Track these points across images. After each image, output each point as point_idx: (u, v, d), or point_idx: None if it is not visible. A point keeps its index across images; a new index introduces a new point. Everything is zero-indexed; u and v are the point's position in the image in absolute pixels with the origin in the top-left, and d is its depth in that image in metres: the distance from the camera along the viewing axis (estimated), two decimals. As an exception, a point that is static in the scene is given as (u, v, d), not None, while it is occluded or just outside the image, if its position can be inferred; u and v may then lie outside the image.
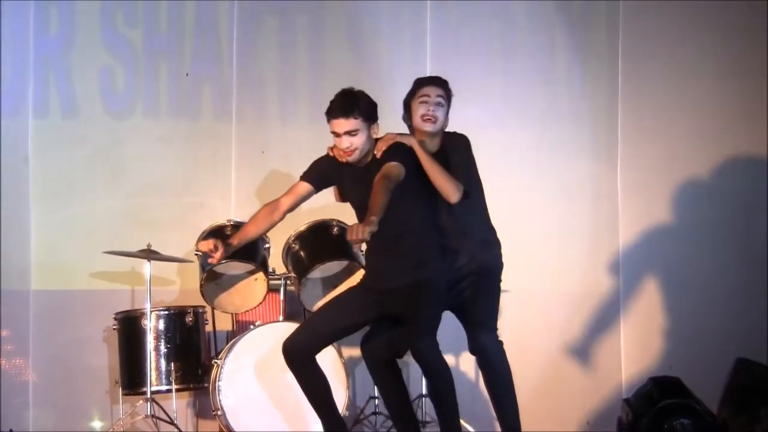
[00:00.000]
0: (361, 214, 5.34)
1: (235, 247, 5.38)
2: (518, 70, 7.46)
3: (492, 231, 5.67)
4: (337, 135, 5.31)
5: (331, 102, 5.32)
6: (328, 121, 5.31)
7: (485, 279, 5.57)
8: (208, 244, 5.33)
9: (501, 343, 5.58)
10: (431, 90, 5.59)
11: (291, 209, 5.46)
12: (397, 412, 5.60)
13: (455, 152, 5.54)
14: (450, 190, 5.41)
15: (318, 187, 5.47)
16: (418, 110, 5.57)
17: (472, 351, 5.56)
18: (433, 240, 5.43)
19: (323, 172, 5.46)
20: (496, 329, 5.58)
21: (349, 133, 5.27)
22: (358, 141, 5.29)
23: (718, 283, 7.43)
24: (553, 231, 7.41)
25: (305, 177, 5.47)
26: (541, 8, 7.46)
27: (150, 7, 7.17)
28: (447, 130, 5.66)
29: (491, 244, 5.64)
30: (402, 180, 5.23)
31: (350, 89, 5.35)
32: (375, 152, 5.35)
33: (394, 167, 5.23)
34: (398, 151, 5.33)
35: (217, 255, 5.30)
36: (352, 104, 5.28)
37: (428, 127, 5.55)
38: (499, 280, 5.63)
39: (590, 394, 7.33)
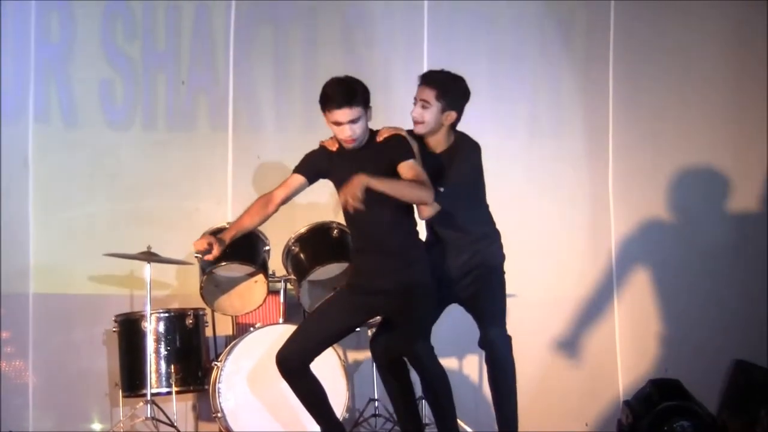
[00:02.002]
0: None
1: (229, 241, 5.33)
2: (508, 74, 7.47)
3: (491, 223, 5.66)
4: (338, 124, 5.25)
5: (327, 91, 5.23)
6: (328, 110, 5.23)
7: (488, 273, 5.55)
8: (201, 243, 5.31)
9: (509, 338, 5.56)
10: (418, 91, 5.51)
11: (284, 202, 5.41)
12: (401, 412, 5.60)
13: (464, 161, 5.49)
14: (422, 195, 5.24)
15: (311, 179, 5.43)
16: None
17: (481, 345, 5.55)
18: (418, 237, 5.43)
19: (315, 165, 5.42)
20: (504, 323, 5.56)
21: (351, 121, 5.24)
22: (360, 129, 5.26)
23: (715, 285, 7.43)
24: (546, 236, 7.40)
25: (298, 170, 5.43)
26: (531, 11, 7.46)
27: (148, 20, 7.18)
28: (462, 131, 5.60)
29: (491, 236, 5.62)
30: (389, 175, 5.20)
31: (343, 77, 5.30)
32: (378, 138, 5.33)
33: (416, 167, 5.22)
34: (407, 146, 5.33)
35: (214, 252, 5.27)
36: (352, 93, 5.23)
37: (416, 129, 5.51)
38: (503, 272, 5.62)
39: (588, 396, 7.33)
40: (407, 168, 5.21)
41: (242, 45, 7.26)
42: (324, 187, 5.63)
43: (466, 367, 7.05)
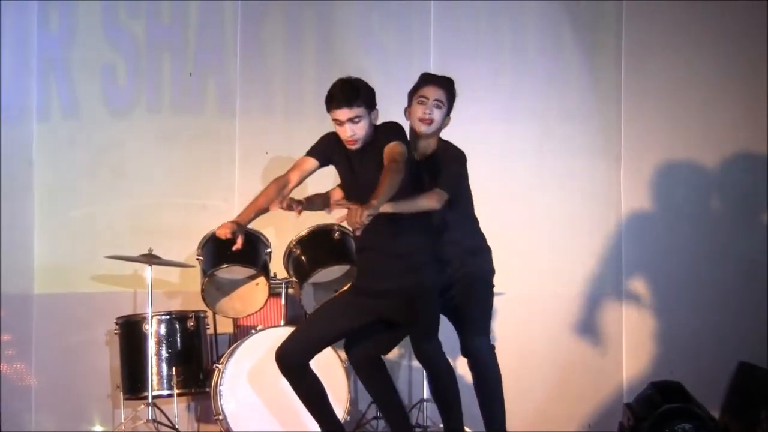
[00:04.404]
0: (351, 199, 5.30)
1: (247, 223, 5.29)
2: (520, 69, 7.44)
3: (481, 238, 5.65)
4: (339, 123, 5.28)
5: (331, 91, 5.28)
6: (330, 110, 5.27)
7: (475, 285, 5.57)
8: (225, 231, 5.21)
9: (493, 347, 5.61)
10: (430, 91, 5.54)
11: (298, 185, 5.41)
12: (387, 410, 5.63)
13: (450, 163, 5.49)
14: (431, 204, 5.32)
15: (322, 162, 5.42)
16: (416, 110, 5.54)
17: (465, 354, 5.59)
18: (425, 239, 5.40)
19: (328, 149, 5.41)
20: (488, 333, 5.60)
21: (351, 120, 5.25)
22: (361, 129, 5.28)
23: (720, 286, 7.40)
24: (555, 230, 7.38)
25: (311, 152, 5.44)
26: (545, 7, 7.45)
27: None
28: (446, 139, 5.62)
29: (480, 250, 5.63)
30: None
31: (348, 78, 5.33)
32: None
33: (398, 146, 5.22)
34: (397, 130, 5.33)
35: (238, 242, 5.24)
36: (354, 92, 5.26)
37: (423, 129, 5.53)
38: (491, 285, 5.62)
39: (591, 397, 7.31)
40: (387, 150, 5.21)
41: (252, 30, 7.20)
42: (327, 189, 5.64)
43: (461, 367, 7.02)
